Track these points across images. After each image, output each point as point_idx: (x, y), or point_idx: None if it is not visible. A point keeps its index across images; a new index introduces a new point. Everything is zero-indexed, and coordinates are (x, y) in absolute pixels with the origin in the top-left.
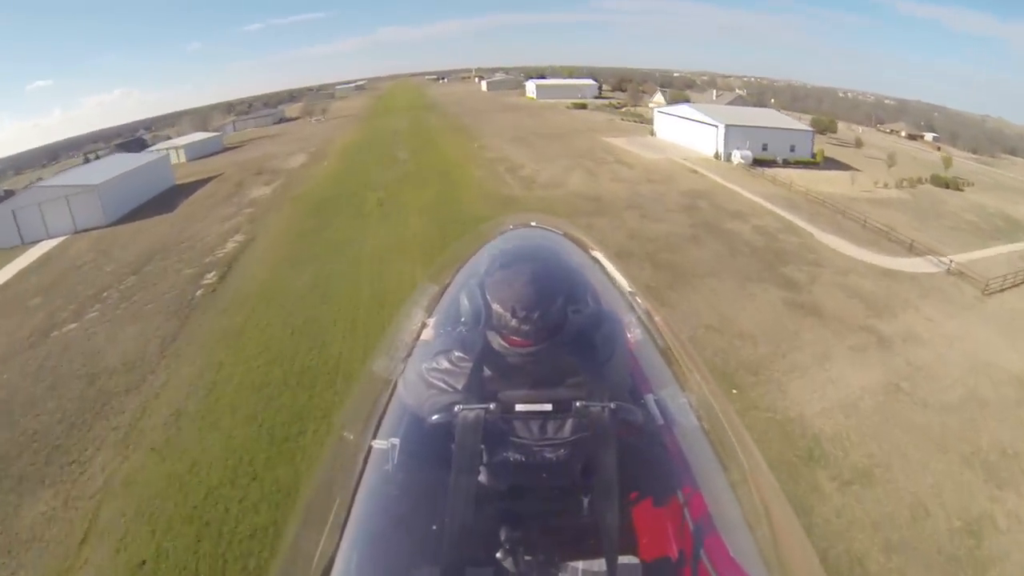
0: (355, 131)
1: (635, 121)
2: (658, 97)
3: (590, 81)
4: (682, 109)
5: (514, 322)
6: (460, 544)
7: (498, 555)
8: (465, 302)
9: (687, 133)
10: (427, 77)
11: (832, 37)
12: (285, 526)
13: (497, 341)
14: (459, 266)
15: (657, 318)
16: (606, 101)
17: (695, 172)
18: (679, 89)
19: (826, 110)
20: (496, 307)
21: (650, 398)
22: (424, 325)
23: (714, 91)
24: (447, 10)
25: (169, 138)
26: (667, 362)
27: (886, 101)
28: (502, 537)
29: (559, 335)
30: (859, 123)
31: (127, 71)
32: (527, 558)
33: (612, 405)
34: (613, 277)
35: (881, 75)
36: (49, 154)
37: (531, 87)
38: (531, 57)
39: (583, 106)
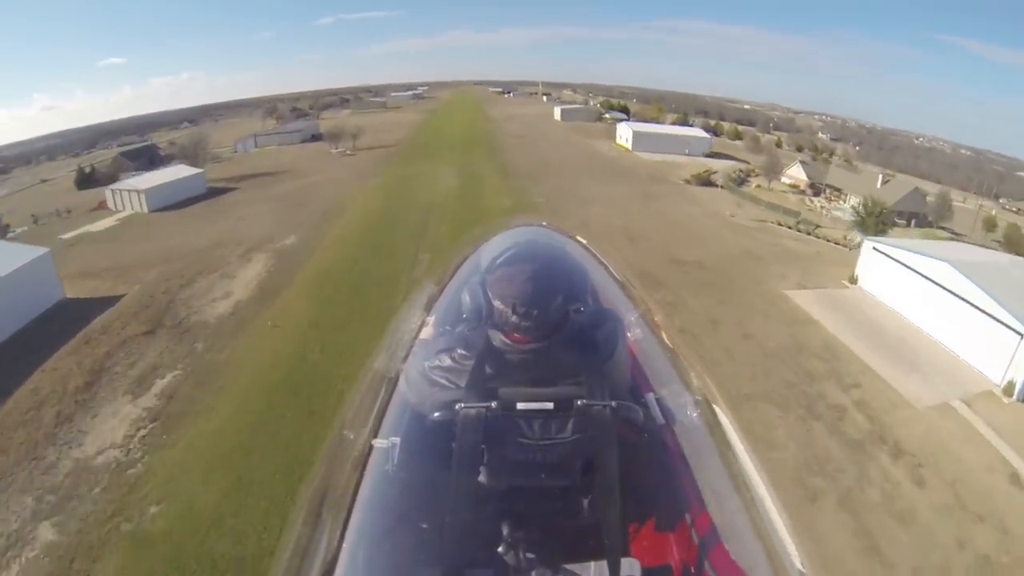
0: (376, 191)
1: (798, 227)
2: (796, 170)
3: (702, 133)
4: (939, 268)
5: (515, 318)
6: (460, 544)
7: (498, 555)
8: (466, 299)
9: (940, 311)
10: (492, 89)
11: (895, 73)
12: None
13: (498, 338)
14: (459, 264)
15: (658, 318)
16: (727, 164)
17: None
18: (763, 129)
19: (925, 170)
20: (497, 303)
21: (651, 397)
22: (424, 323)
23: (879, 177)
24: (513, 19)
25: (177, 158)
26: (668, 362)
27: (962, 151)
28: (502, 537)
29: (560, 332)
30: (959, 187)
31: (197, 55)
32: (528, 556)
33: (613, 404)
34: (614, 276)
35: (942, 115)
36: (88, 140)
37: (625, 131)
38: (595, 73)
39: (707, 180)
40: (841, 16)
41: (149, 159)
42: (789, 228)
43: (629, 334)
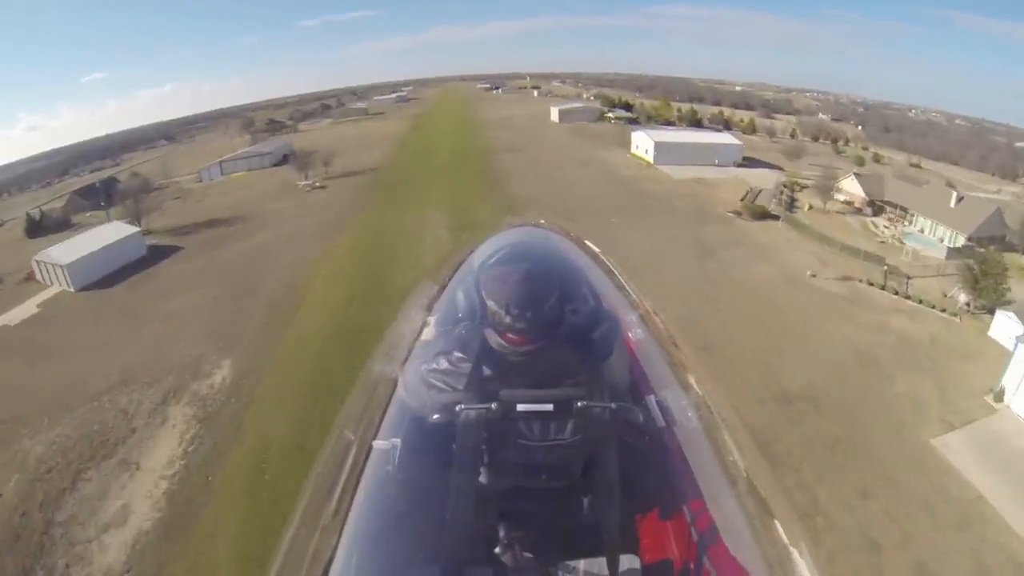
0: (343, 259)
1: (892, 288)
2: (851, 184)
3: (731, 139)
4: None
5: (509, 319)
6: (460, 544)
7: (498, 555)
8: (463, 301)
9: None
10: (479, 85)
11: (882, 47)
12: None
13: (495, 339)
14: (458, 265)
15: (657, 318)
16: (764, 176)
17: None
18: (766, 113)
19: (937, 151)
20: (492, 305)
21: (650, 399)
22: (424, 324)
23: (952, 195)
24: (498, 11)
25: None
26: (666, 363)
27: (957, 121)
28: (502, 537)
29: (556, 333)
30: (975, 168)
31: (181, 64)
32: (527, 556)
33: (612, 405)
34: (613, 276)
35: (933, 86)
36: (63, 165)
37: (644, 141)
38: (583, 62)
39: (762, 210)
40: None
41: (107, 194)
42: (882, 289)
43: (629, 334)
